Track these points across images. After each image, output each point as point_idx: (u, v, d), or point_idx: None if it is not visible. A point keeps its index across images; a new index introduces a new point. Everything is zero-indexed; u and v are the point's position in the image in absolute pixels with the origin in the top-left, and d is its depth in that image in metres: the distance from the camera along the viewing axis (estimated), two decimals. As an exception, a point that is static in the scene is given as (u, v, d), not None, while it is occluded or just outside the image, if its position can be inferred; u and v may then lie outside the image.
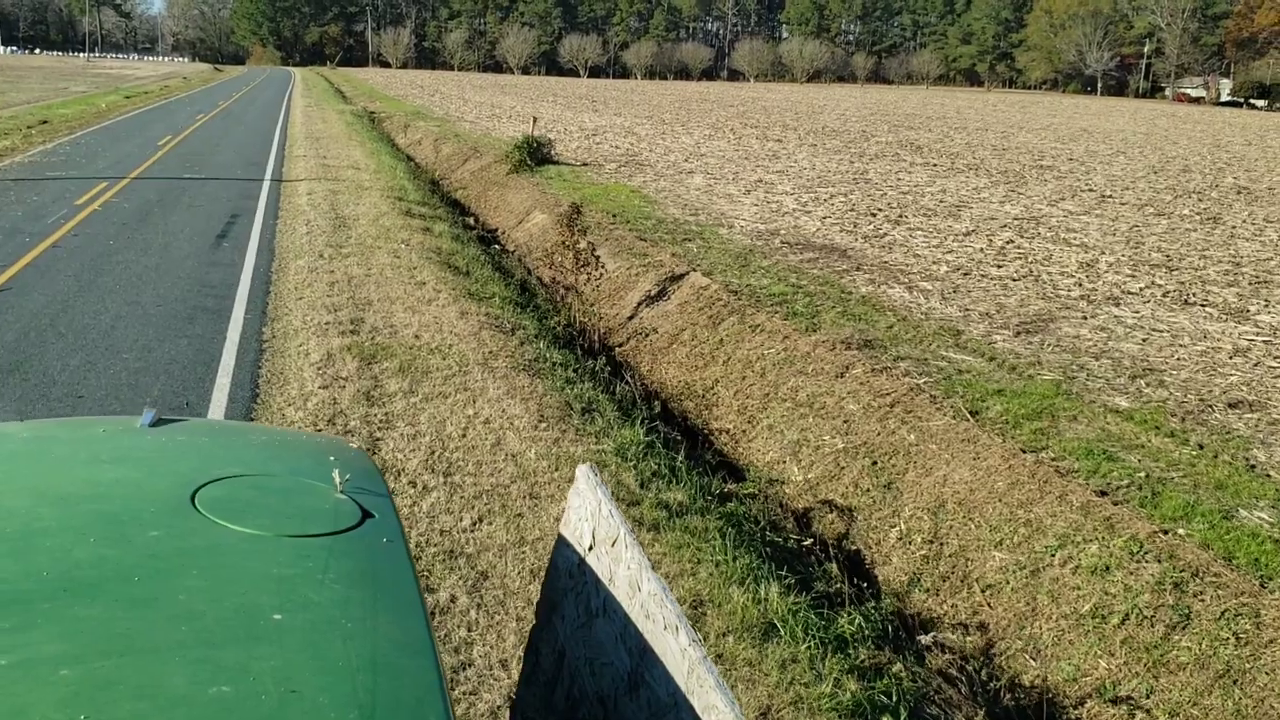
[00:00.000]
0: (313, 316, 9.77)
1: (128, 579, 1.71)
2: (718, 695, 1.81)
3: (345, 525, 2.02)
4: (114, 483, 2.09)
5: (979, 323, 10.38)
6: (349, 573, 1.86)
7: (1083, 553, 5.82)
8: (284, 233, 14.65)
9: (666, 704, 2.04)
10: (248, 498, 2.08)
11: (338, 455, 2.46)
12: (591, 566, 2.45)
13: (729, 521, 6.14)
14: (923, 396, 8.08)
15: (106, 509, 1.95)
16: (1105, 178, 26.63)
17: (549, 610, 2.72)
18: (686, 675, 1.95)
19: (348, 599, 1.77)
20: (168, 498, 2.01)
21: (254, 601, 1.70)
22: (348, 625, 1.68)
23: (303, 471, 2.31)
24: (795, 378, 9.08)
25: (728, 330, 10.52)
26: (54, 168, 21.55)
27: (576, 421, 7.50)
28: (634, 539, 2.28)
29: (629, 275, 13.32)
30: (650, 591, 2.13)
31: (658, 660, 2.09)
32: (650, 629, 2.13)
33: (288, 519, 2.00)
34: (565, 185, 20.49)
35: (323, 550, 1.91)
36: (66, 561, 1.73)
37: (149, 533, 1.87)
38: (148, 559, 1.78)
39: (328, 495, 2.15)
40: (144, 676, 1.48)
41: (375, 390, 7.67)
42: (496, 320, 10.33)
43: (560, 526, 2.69)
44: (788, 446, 8.28)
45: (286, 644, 1.61)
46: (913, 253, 14.23)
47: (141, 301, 10.24)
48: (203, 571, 1.76)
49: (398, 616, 1.78)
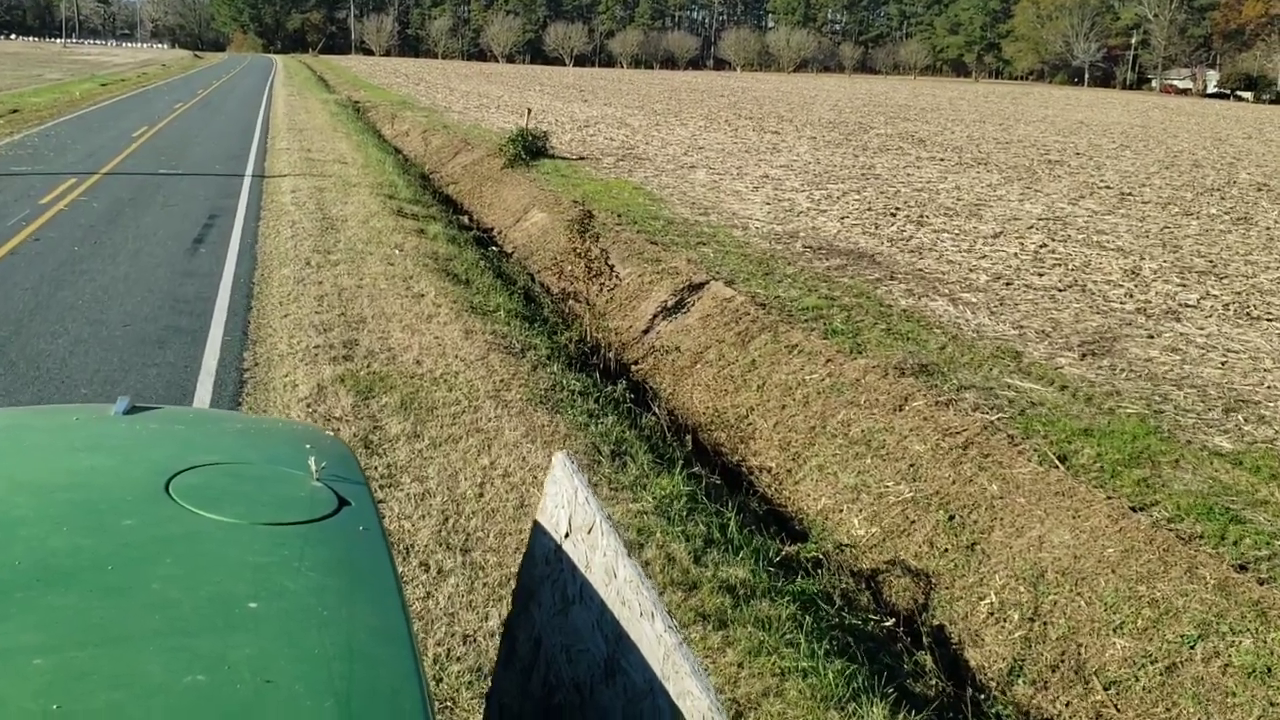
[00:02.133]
0: (300, 339, 8.67)
1: (102, 568, 1.69)
2: (693, 681, 1.80)
3: (321, 513, 1.98)
4: (88, 471, 2.06)
5: (1038, 342, 9.42)
6: (325, 561, 1.84)
7: (1234, 648, 4.86)
8: (267, 236, 13.49)
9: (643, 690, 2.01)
10: (223, 485, 2.04)
11: (314, 443, 2.39)
12: (568, 553, 2.42)
13: (802, 605, 5.14)
14: (999, 436, 7.11)
15: (81, 497, 1.92)
16: (1117, 173, 25.78)
17: (525, 597, 2.66)
18: (662, 661, 1.93)
19: (324, 587, 1.75)
20: (143, 486, 1.98)
21: (229, 590, 1.68)
22: (324, 613, 1.67)
23: (278, 459, 2.27)
24: (845, 409, 8.09)
25: (760, 350, 9.52)
26: (20, 162, 20.26)
27: (607, 469, 6.48)
28: (610, 525, 2.23)
29: (641, 283, 12.30)
30: (626, 578, 2.10)
31: (634, 646, 2.06)
32: (626, 615, 2.10)
33: (263, 507, 1.97)
34: (564, 181, 19.42)
35: (298, 538, 1.88)
36: (41, 550, 1.71)
37: (124, 521, 1.84)
38: (122, 547, 1.76)
39: (304, 483, 2.10)
40: (119, 666, 1.46)
41: (375, 434, 6.61)
42: (504, 339, 9.29)
43: (537, 514, 2.66)
44: (844, 492, 7.30)
45: (262, 632, 1.59)
46: (945, 258, 13.27)
47: (106, 321, 9.08)
48: (178, 560, 1.75)
49: (374, 605, 1.76)
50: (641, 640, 2.03)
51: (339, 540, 1.92)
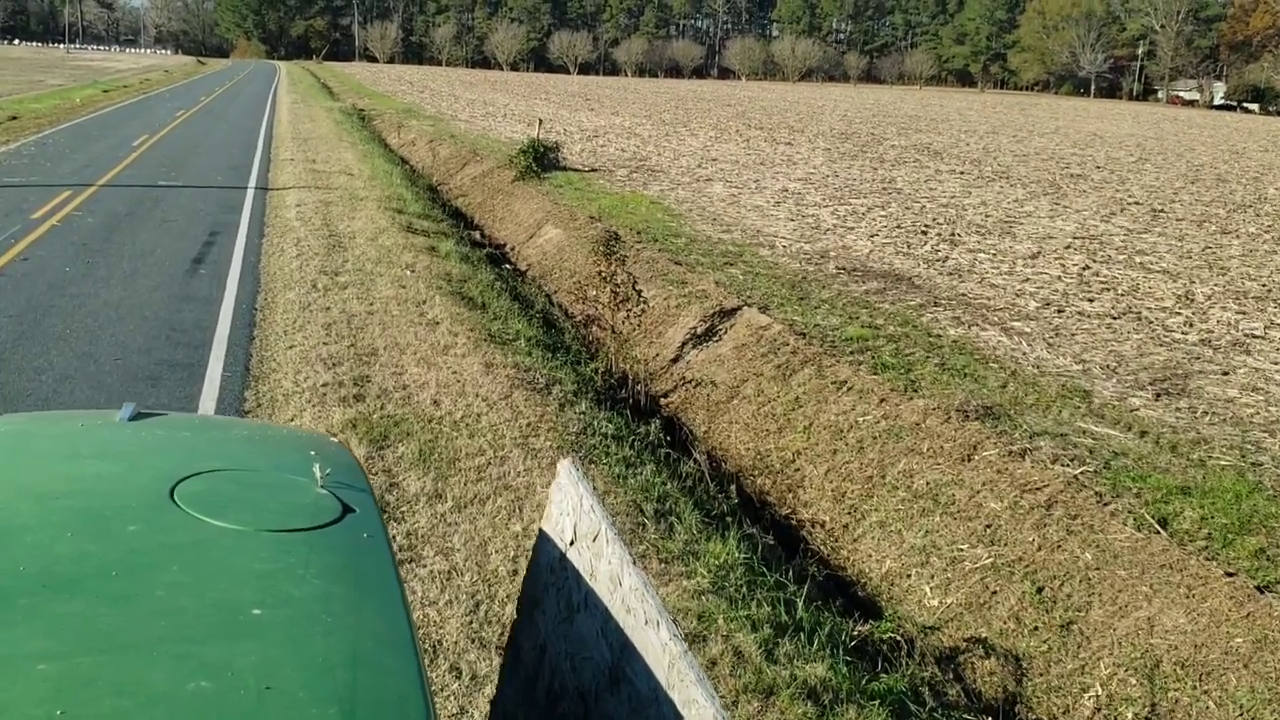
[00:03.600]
0: (307, 375, 7.93)
1: (107, 574, 1.67)
2: (698, 689, 1.77)
3: (326, 520, 1.96)
4: (94, 477, 2.04)
5: (1104, 379, 8.70)
6: (330, 568, 1.81)
7: None
8: (271, 254, 12.75)
9: (647, 698, 1.98)
10: (228, 492, 2.02)
11: (318, 449, 2.38)
12: (573, 562, 2.39)
13: (892, 710, 4.42)
14: (1085, 494, 6.38)
15: (86, 504, 1.90)
16: (1142, 188, 25.10)
17: (530, 606, 2.64)
18: (667, 670, 1.89)
19: (328, 594, 1.73)
20: (148, 492, 1.96)
21: (234, 597, 1.65)
22: (328, 620, 1.65)
23: (283, 466, 2.26)
24: (906, 457, 7.36)
25: (804, 386, 8.79)
26: (14, 172, 19.54)
27: (653, 533, 5.75)
28: (615, 534, 2.20)
29: (668, 307, 11.58)
30: (631, 586, 2.07)
31: (638, 655, 2.03)
32: (631, 624, 2.07)
33: (268, 514, 1.94)
34: (578, 195, 18.72)
35: (303, 545, 1.86)
36: (46, 557, 1.69)
37: (129, 528, 1.82)
38: (127, 554, 1.75)
39: (308, 490, 2.08)
40: (124, 673, 1.44)
41: (392, 493, 5.86)
42: (527, 373, 8.56)
43: (542, 522, 2.62)
44: (911, 554, 6.57)
45: (267, 639, 1.56)
46: (987, 282, 12.55)
47: (95, 354, 8.33)
48: (183, 567, 1.72)
49: (379, 612, 1.73)
50: (646, 648, 2.01)
51: (343, 547, 1.91)
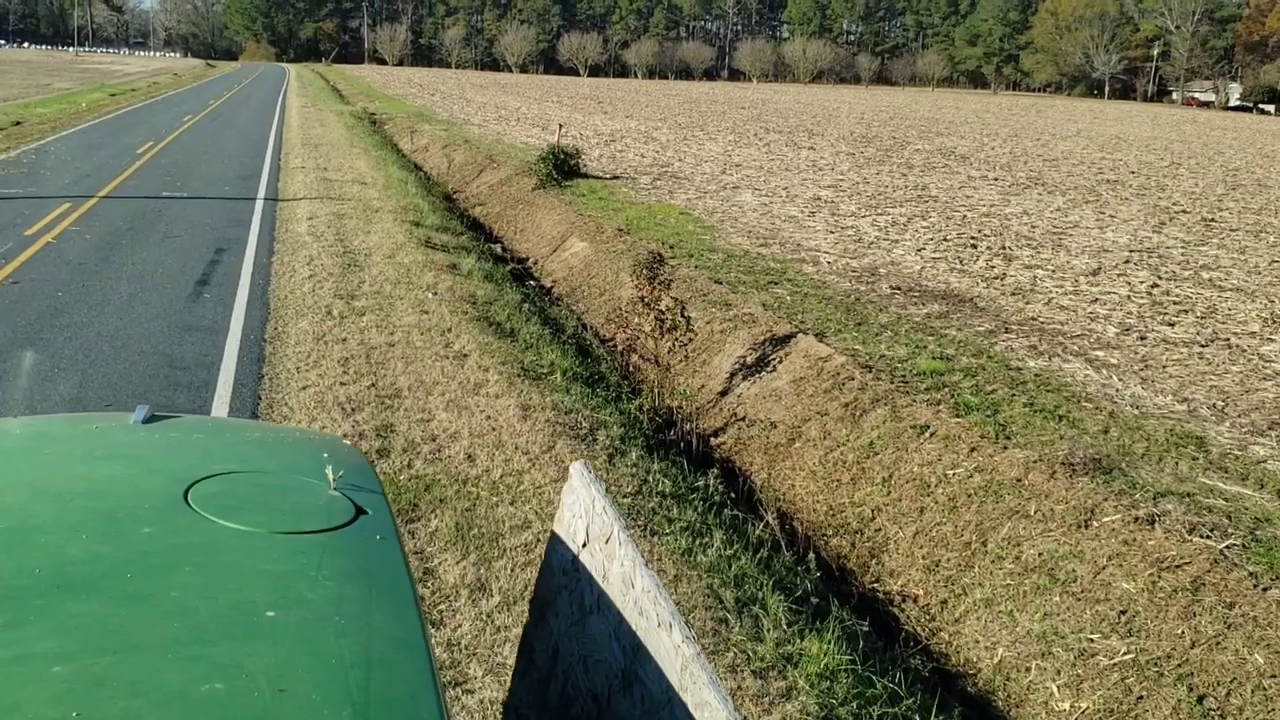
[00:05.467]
0: (324, 424, 6.96)
1: (121, 576, 1.65)
2: (711, 692, 1.75)
3: (339, 522, 1.95)
4: (107, 479, 2.03)
5: (1215, 422, 7.75)
6: (343, 569, 1.81)
7: None
8: (281, 275, 11.83)
9: (660, 700, 1.95)
10: (241, 494, 2.01)
11: (331, 452, 2.35)
12: (585, 564, 2.36)
13: None
14: (1237, 575, 5.43)
15: (100, 505, 1.89)
16: (1184, 195, 24.12)
17: (543, 608, 2.60)
18: (680, 672, 1.87)
19: (341, 595, 1.72)
20: (161, 494, 1.95)
21: (248, 598, 1.64)
22: (341, 622, 1.64)
23: (296, 468, 2.25)
24: (1010, 521, 6.42)
25: (878, 429, 7.86)
26: (12, 183, 18.65)
27: (737, 633, 4.83)
28: (628, 535, 2.16)
29: (711, 332, 10.66)
30: (644, 588, 2.05)
31: (651, 657, 2.00)
32: (644, 626, 2.04)
33: (281, 515, 1.94)
34: (602, 205, 17.81)
35: (316, 547, 1.85)
36: (60, 558, 1.67)
37: (143, 529, 1.81)
38: (141, 555, 1.73)
39: (321, 492, 2.07)
40: (137, 673, 1.43)
41: (426, 583, 4.89)
42: (569, 415, 7.64)
43: (554, 524, 2.59)
44: (1028, 642, 5.62)
45: (280, 641, 1.56)
46: (1054, 303, 11.60)
47: (85, 398, 7.36)
48: (196, 568, 1.71)
49: (391, 613, 1.73)
50: (659, 651, 1.97)
51: (356, 549, 1.90)
